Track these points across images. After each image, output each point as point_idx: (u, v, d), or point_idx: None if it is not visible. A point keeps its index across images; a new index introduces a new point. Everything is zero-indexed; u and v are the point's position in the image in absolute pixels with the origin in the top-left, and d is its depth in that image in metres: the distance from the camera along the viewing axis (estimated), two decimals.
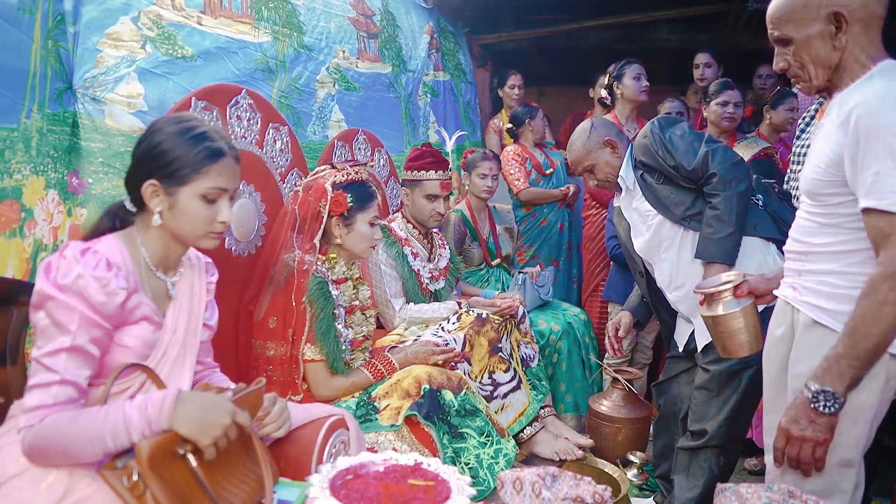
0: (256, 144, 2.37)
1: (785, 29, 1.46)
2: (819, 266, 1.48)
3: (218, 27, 2.51)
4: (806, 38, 1.43)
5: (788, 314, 1.57)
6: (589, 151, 2.36)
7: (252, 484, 1.37)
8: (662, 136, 2.20)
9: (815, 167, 1.45)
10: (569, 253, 4.06)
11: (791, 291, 1.55)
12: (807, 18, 1.42)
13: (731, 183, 2.08)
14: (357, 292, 2.28)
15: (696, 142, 2.16)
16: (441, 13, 4.42)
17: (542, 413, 2.81)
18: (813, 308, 1.48)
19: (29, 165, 1.86)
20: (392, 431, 2.01)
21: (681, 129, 2.22)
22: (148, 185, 1.37)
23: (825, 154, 1.42)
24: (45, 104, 1.90)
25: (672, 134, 2.20)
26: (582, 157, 2.38)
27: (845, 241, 1.42)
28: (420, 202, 2.85)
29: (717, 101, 3.35)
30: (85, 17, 2.03)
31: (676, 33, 5.18)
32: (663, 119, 2.30)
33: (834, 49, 1.42)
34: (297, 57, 2.95)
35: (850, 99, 1.39)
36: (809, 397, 1.38)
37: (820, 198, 1.46)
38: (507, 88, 4.65)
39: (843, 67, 1.44)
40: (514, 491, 1.41)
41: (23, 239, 1.85)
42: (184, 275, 1.52)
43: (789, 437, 1.42)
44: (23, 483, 1.23)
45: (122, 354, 1.34)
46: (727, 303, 1.69)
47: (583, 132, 2.39)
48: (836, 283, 1.44)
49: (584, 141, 2.37)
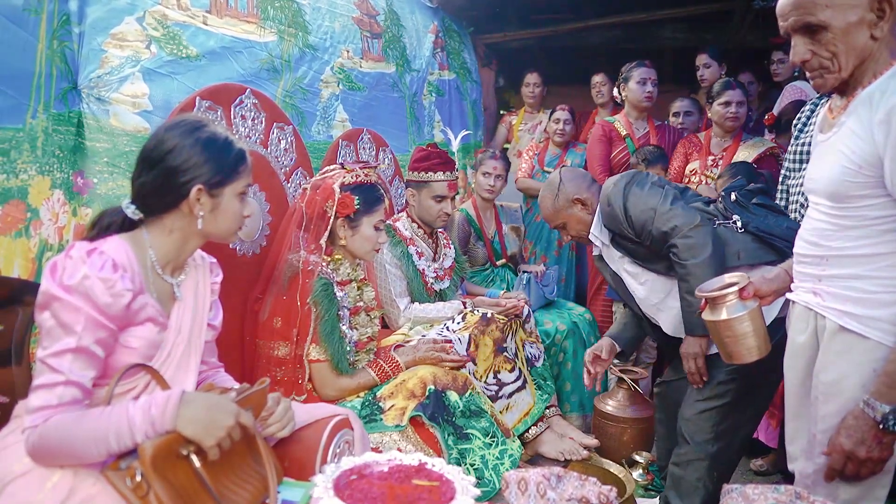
0: (261, 144, 2.37)
1: (821, 14, 1.35)
2: (843, 270, 1.42)
3: (223, 27, 2.51)
4: (846, 26, 1.34)
5: (811, 321, 1.51)
6: (558, 211, 2.33)
7: (256, 484, 1.37)
8: (624, 205, 2.12)
9: (843, 168, 1.37)
10: (557, 251, 4.06)
11: (813, 297, 1.49)
12: (848, 4, 1.34)
13: (692, 250, 1.99)
14: (361, 293, 2.27)
15: (654, 208, 2.07)
16: (446, 12, 4.41)
17: (548, 413, 2.80)
18: (840, 314, 1.42)
19: (35, 165, 1.86)
20: (397, 432, 2.01)
21: (640, 195, 2.12)
22: (196, 190, 1.40)
23: (855, 155, 1.35)
24: (50, 104, 1.91)
25: (632, 204, 2.12)
26: (552, 215, 2.35)
27: (872, 244, 1.37)
28: (427, 203, 2.85)
29: (720, 101, 3.32)
30: (90, 18, 2.03)
31: (681, 32, 5.16)
32: (624, 183, 2.16)
33: (871, 39, 1.35)
34: (302, 57, 2.96)
35: (880, 96, 1.33)
36: (877, 418, 1.32)
37: (846, 200, 1.39)
38: (523, 87, 4.67)
39: (870, 60, 1.37)
40: (519, 491, 1.41)
41: (28, 239, 1.86)
42: (189, 275, 1.52)
43: (853, 458, 1.36)
44: (28, 483, 1.23)
45: (127, 355, 1.34)
46: (732, 306, 1.62)
47: (551, 189, 2.34)
48: (864, 287, 1.38)
49: (552, 200, 2.33)
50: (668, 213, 2.05)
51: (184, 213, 1.42)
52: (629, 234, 2.14)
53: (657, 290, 2.19)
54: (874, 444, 1.33)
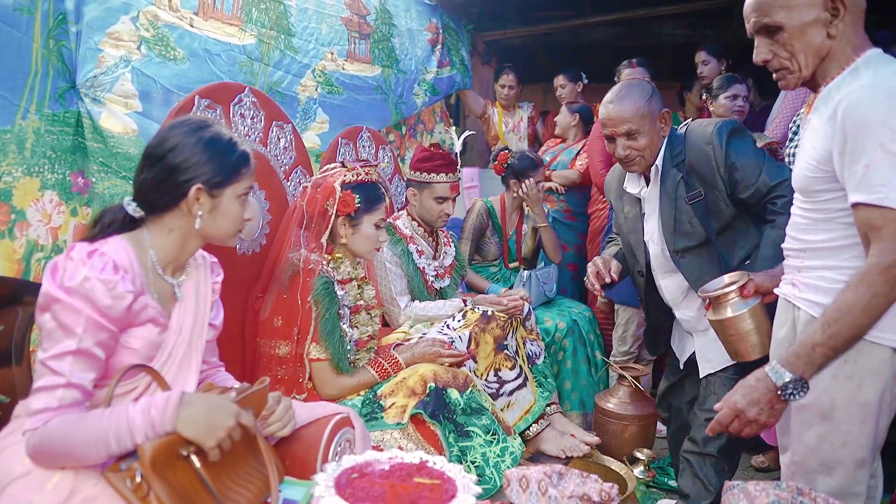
0: (260, 143, 2.37)
1: (776, 15, 1.41)
2: (816, 262, 1.46)
3: (208, 29, 2.49)
4: (800, 26, 1.39)
5: (790, 312, 1.55)
6: (643, 117, 2.00)
7: (257, 483, 1.37)
8: (728, 151, 1.98)
9: (807, 164, 1.43)
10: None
11: (791, 289, 1.53)
12: (802, 4, 1.38)
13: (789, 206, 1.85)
14: (362, 292, 2.27)
15: (763, 162, 1.98)
16: (445, 10, 4.40)
17: (549, 410, 2.80)
18: (811, 304, 1.46)
19: (21, 167, 1.85)
20: (398, 430, 2.01)
21: (746, 147, 2.01)
22: (195, 189, 1.39)
23: (815, 150, 1.40)
24: (44, 104, 1.90)
25: (737, 151, 1.98)
26: (633, 116, 2.00)
27: (839, 237, 1.41)
28: (429, 203, 2.85)
29: (726, 94, 3.31)
30: (87, 17, 2.02)
31: (681, 28, 5.16)
32: (727, 130, 2.02)
33: (827, 37, 1.39)
34: (282, 60, 2.90)
35: (836, 93, 1.37)
36: (779, 384, 1.36)
37: (812, 194, 1.44)
38: (497, 87, 4.68)
39: (830, 58, 1.41)
40: (521, 489, 1.41)
41: (13, 240, 1.85)
42: (189, 275, 1.52)
43: (741, 416, 1.40)
44: (28, 483, 1.23)
45: (128, 356, 1.34)
46: (734, 304, 1.64)
47: (643, 91, 2.04)
48: (832, 277, 1.42)
49: (644, 100, 2.02)
50: (778, 168, 1.98)
51: (183, 213, 1.42)
52: (719, 177, 1.98)
53: None
54: (766, 408, 1.38)
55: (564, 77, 4.45)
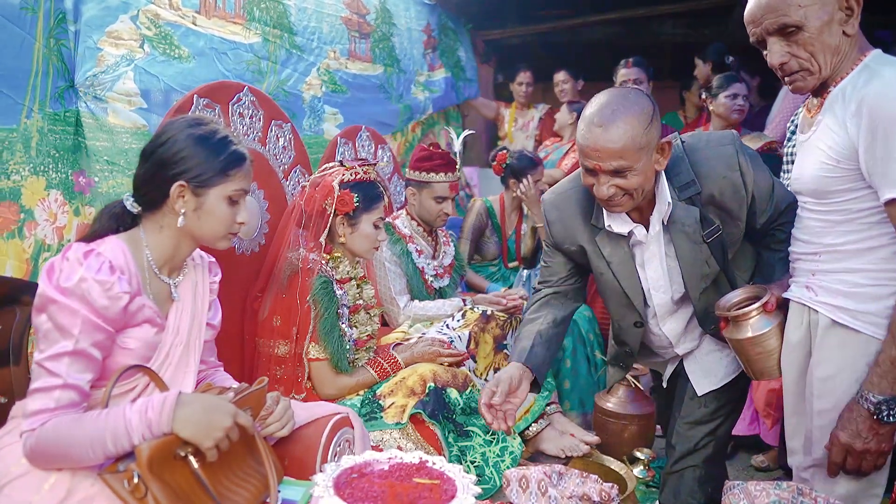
0: (259, 142, 2.36)
1: (797, 14, 1.36)
2: (834, 265, 1.43)
3: (211, 27, 2.49)
4: (819, 25, 1.36)
5: (804, 316, 1.51)
6: (640, 149, 1.53)
7: (256, 484, 1.36)
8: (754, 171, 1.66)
9: (822, 165, 1.39)
10: None
11: (805, 292, 1.49)
12: (819, 2, 1.35)
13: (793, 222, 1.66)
14: (361, 291, 2.27)
15: (773, 180, 1.72)
16: (444, 9, 4.40)
17: (548, 410, 2.79)
18: (832, 308, 1.42)
19: (28, 166, 1.85)
20: (397, 430, 2.00)
21: (756, 164, 1.69)
22: (177, 186, 1.37)
23: (832, 150, 1.37)
24: (46, 103, 1.89)
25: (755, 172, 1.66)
26: (625, 150, 1.52)
27: (861, 239, 1.38)
28: (428, 203, 2.85)
29: (727, 93, 3.30)
30: (85, 16, 2.01)
31: (681, 28, 5.16)
32: (743, 146, 1.70)
33: (843, 36, 1.37)
34: (288, 58, 2.92)
35: (852, 91, 1.35)
36: (871, 409, 1.32)
37: (829, 196, 1.41)
38: (515, 85, 4.68)
39: (842, 57, 1.39)
40: (521, 489, 1.41)
41: (22, 240, 1.84)
42: (187, 275, 1.51)
43: (851, 451, 1.36)
44: (25, 484, 1.23)
45: (125, 356, 1.34)
46: (757, 322, 1.55)
47: (640, 114, 1.54)
48: (855, 281, 1.39)
49: (642, 127, 1.53)
50: (783, 187, 1.73)
51: (172, 210, 1.40)
52: (742, 211, 1.67)
53: None
54: (870, 436, 1.34)
55: (566, 73, 4.45)
